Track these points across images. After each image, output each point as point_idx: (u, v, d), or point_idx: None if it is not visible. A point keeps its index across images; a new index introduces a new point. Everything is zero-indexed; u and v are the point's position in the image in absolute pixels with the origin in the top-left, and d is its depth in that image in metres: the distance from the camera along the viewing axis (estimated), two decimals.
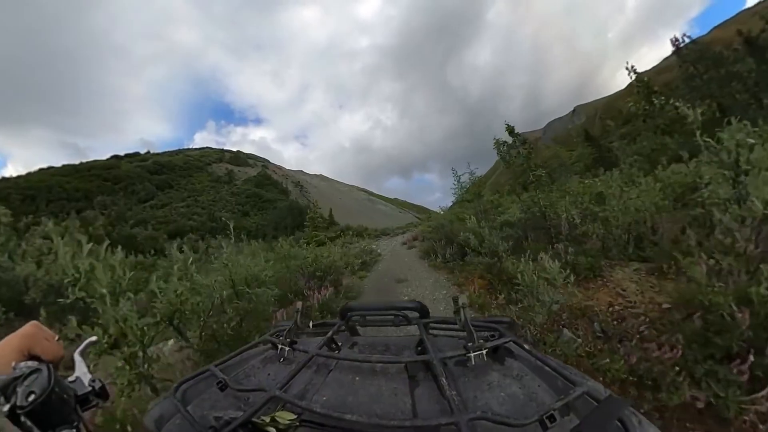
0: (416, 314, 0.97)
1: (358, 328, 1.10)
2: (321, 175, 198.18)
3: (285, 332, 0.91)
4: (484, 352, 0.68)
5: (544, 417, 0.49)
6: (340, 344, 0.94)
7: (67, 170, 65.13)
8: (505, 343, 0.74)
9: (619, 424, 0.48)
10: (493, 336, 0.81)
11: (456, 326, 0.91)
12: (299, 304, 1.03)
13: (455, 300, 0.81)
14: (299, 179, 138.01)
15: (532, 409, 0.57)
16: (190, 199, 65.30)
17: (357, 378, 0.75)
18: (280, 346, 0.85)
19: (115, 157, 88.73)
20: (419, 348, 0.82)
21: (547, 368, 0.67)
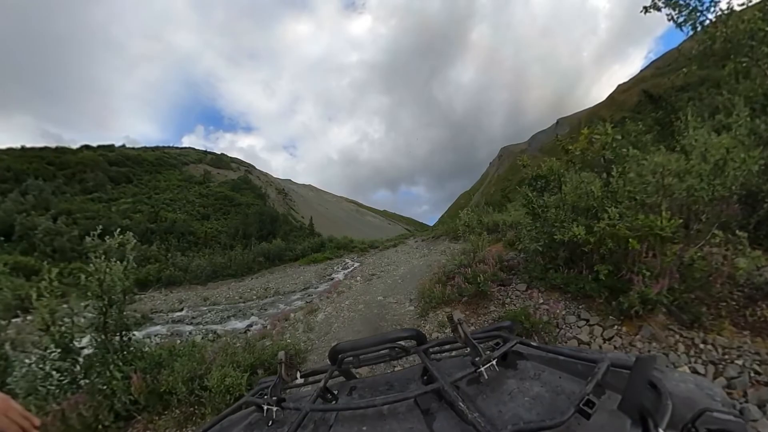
0: (413, 342, 0.85)
1: (352, 370, 0.94)
2: (309, 185, 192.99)
3: (269, 389, 0.76)
4: (494, 362, 0.63)
5: (581, 405, 0.45)
6: (336, 392, 0.82)
7: (17, 152, 59.57)
8: (512, 346, 0.70)
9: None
10: (497, 344, 0.76)
11: (457, 344, 0.86)
12: (282, 354, 0.85)
13: (450, 318, 0.74)
14: (285, 187, 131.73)
15: (564, 402, 0.54)
16: (142, 195, 56.54)
17: (364, 427, 0.66)
18: (265, 407, 0.71)
19: (86, 147, 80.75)
20: (425, 377, 0.75)
21: (562, 358, 0.64)
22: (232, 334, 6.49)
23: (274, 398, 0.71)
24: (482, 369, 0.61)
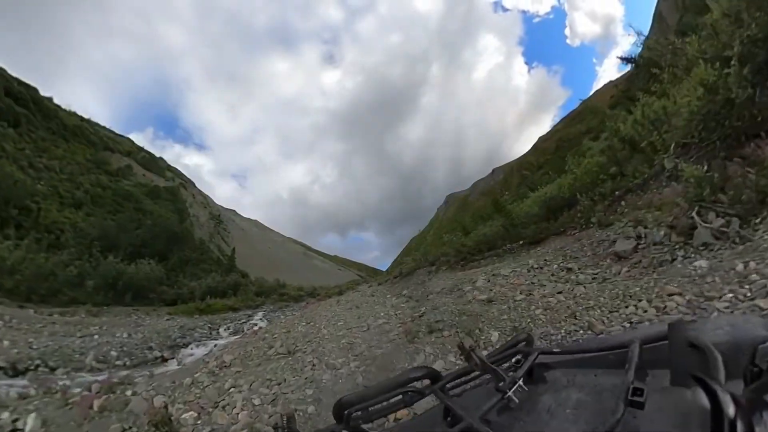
0: (427, 381, 0.73)
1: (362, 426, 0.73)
2: (255, 220, 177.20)
3: None
4: (520, 381, 0.58)
5: (630, 397, 0.41)
6: None
7: None
8: (535, 359, 0.65)
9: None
10: (518, 361, 0.70)
11: (475, 373, 0.74)
12: (280, 418, 0.74)
13: (461, 346, 0.72)
14: (227, 217, 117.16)
15: (609, 399, 0.48)
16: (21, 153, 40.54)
17: None
18: None
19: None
20: (449, 418, 0.66)
21: (589, 355, 0.60)
22: None
23: None
24: (509, 393, 0.56)
